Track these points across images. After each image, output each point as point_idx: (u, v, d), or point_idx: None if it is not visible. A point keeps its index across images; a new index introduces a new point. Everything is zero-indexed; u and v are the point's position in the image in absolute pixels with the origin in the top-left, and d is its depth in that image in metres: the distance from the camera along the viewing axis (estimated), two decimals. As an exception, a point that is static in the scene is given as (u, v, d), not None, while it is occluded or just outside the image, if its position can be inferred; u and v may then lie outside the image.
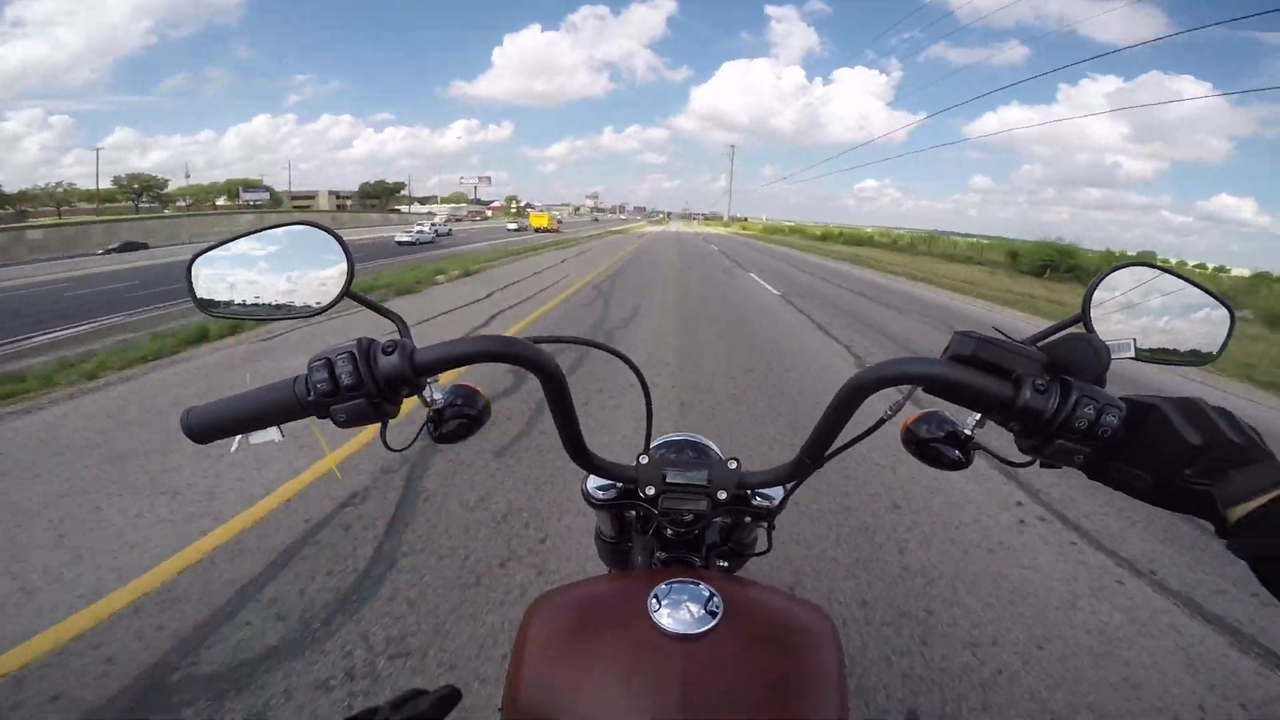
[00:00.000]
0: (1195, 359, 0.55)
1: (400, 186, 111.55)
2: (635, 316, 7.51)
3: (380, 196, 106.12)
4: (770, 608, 0.60)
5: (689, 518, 0.65)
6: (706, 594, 0.54)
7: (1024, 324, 11.84)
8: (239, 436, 0.54)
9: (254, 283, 0.60)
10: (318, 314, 0.59)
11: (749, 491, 0.68)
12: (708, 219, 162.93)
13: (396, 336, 0.54)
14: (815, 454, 0.60)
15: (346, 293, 0.57)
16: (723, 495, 0.64)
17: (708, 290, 10.63)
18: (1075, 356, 0.46)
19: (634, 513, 0.76)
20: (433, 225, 42.87)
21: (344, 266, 0.57)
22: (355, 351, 0.50)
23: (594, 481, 0.73)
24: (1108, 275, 0.54)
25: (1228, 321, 0.56)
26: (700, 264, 16.27)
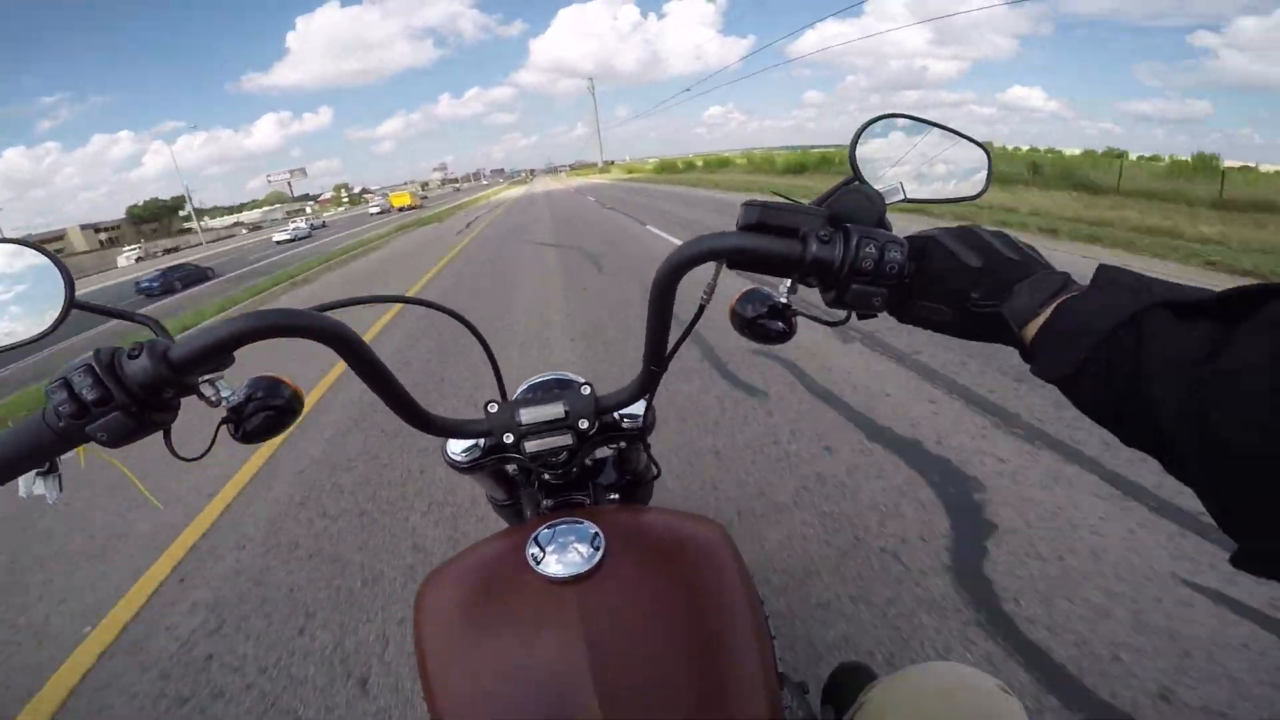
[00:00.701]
0: (965, 197, 0.58)
1: (180, 203, 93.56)
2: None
3: (158, 218, 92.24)
4: (657, 529, 0.60)
5: (563, 457, 0.63)
6: (591, 532, 0.53)
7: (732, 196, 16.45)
8: (26, 485, 0.49)
9: None
10: (44, 337, 0.50)
11: (615, 417, 0.66)
12: (574, 169, 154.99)
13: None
14: (656, 359, 0.59)
15: (72, 305, 0.49)
16: (584, 424, 0.61)
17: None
18: (852, 207, 0.47)
19: (514, 468, 0.73)
20: (308, 221, 46.04)
21: (59, 279, 0.50)
22: (94, 362, 0.45)
23: (455, 445, 0.69)
24: (864, 129, 0.54)
25: (986, 162, 0.59)
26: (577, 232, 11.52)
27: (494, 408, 0.62)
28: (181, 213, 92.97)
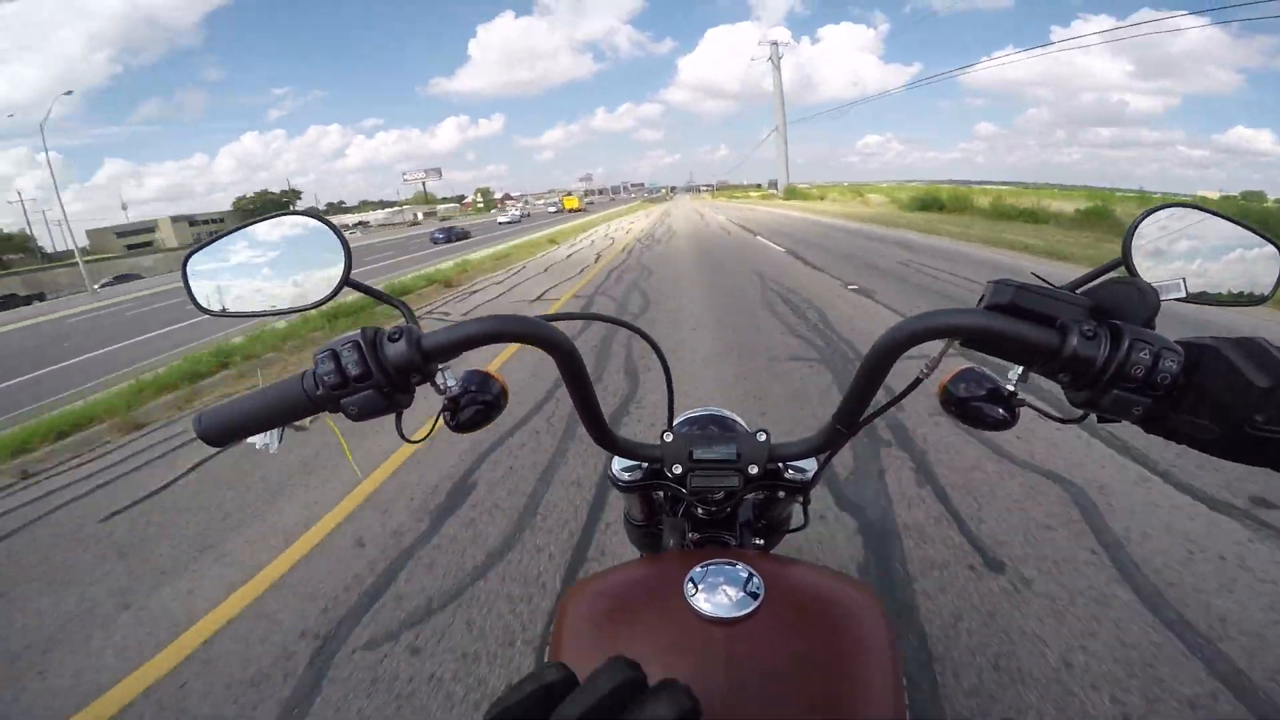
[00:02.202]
0: (1248, 299, 0.52)
1: (294, 196, 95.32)
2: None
3: (268, 213, 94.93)
4: (813, 587, 0.58)
5: (720, 495, 0.63)
6: (745, 575, 0.53)
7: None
8: (261, 437, 0.54)
9: (252, 279, 0.60)
10: (318, 306, 0.58)
11: (781, 465, 0.66)
12: (719, 190, 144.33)
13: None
14: (849, 421, 0.57)
15: (346, 282, 0.56)
16: (754, 470, 0.61)
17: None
18: (1121, 300, 0.44)
19: (662, 494, 0.75)
20: (520, 210, 70.38)
21: (342, 255, 0.57)
22: (360, 340, 0.49)
23: (619, 463, 0.71)
24: (1146, 216, 0.52)
25: (1278, 259, 0.53)
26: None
27: (669, 437, 0.63)
28: (293, 208, 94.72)
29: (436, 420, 0.62)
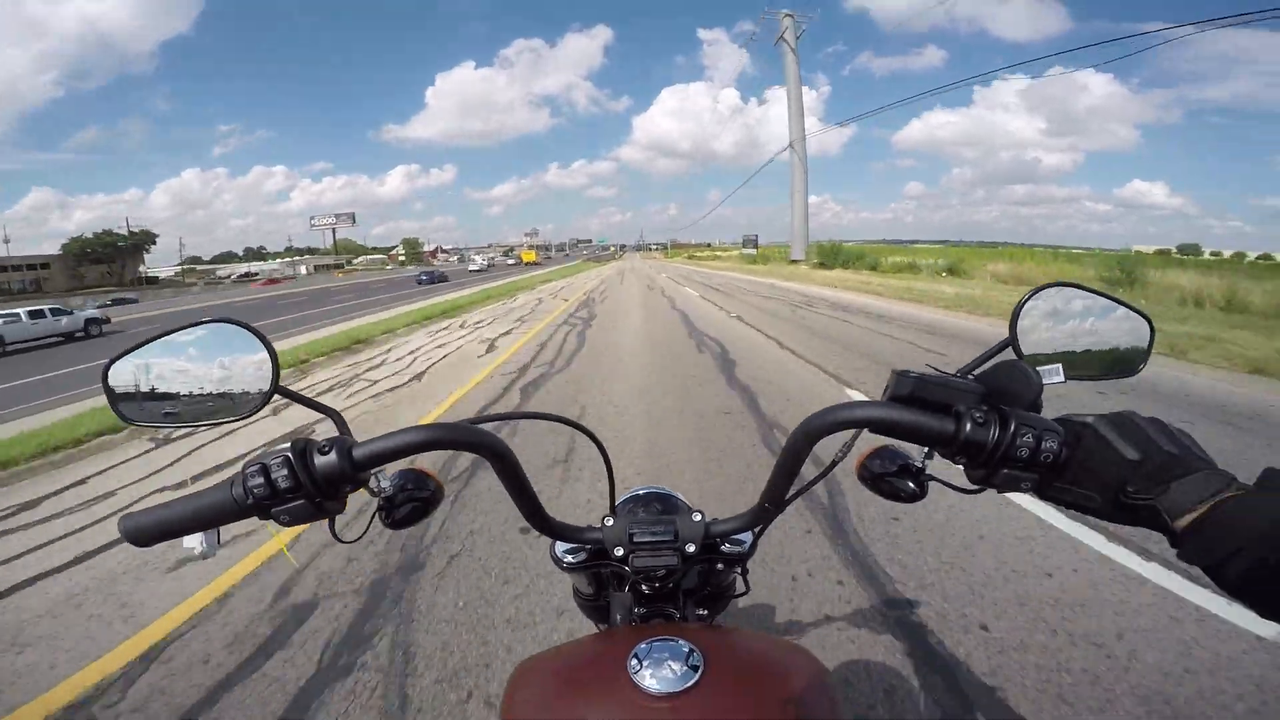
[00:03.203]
0: (1121, 373, 0.57)
1: (147, 238, 76.48)
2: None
3: (110, 259, 72.27)
4: (755, 654, 0.61)
5: (662, 573, 0.66)
6: (686, 649, 0.54)
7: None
8: (195, 540, 0.54)
9: (176, 388, 0.60)
10: (246, 417, 0.59)
11: (718, 540, 0.69)
12: (671, 251, 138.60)
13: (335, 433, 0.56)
14: (775, 499, 0.61)
15: (275, 390, 0.58)
16: (691, 548, 0.65)
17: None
18: (1010, 385, 0.48)
19: (608, 570, 0.77)
20: (487, 259, 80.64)
21: (267, 361, 0.58)
22: (290, 455, 0.51)
23: (561, 545, 0.74)
24: (1030, 298, 0.56)
25: (1148, 332, 0.59)
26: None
27: (610, 521, 0.67)
28: (147, 255, 78.60)
29: (371, 520, 0.64)
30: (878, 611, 2.06)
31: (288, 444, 0.52)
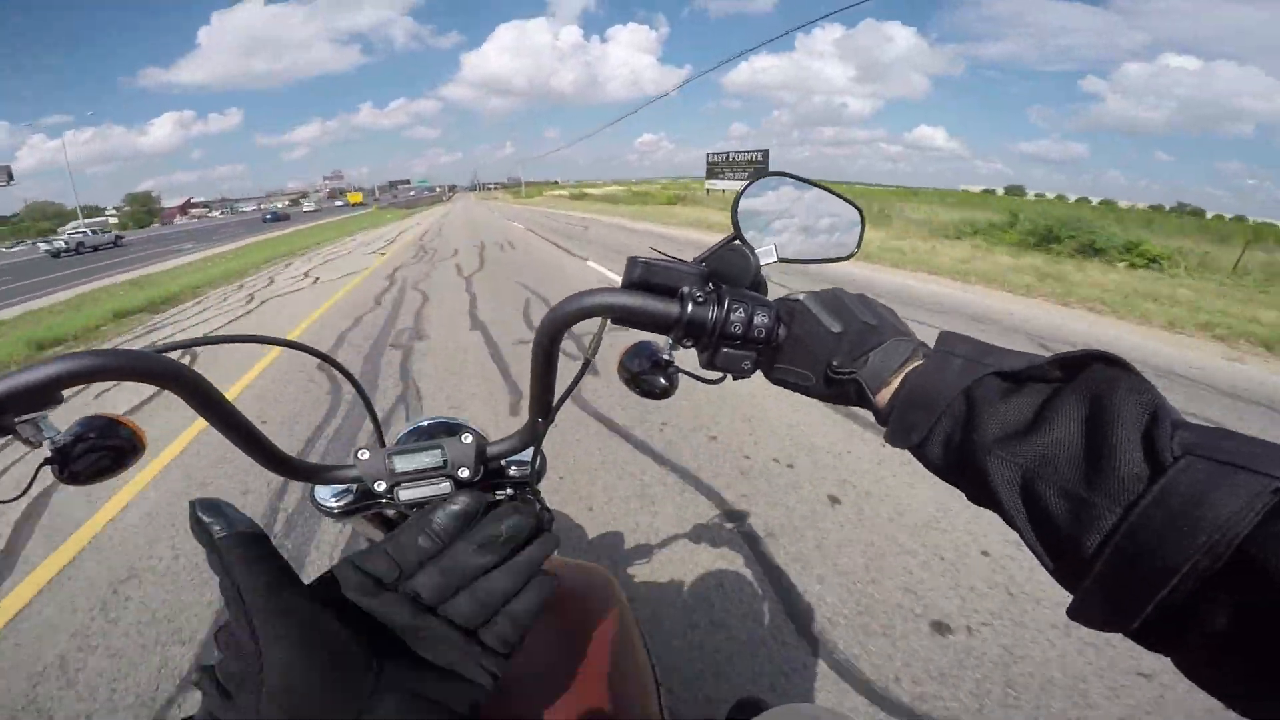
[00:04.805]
0: (835, 257, 0.61)
1: None
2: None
3: None
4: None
5: None
6: None
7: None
8: None
9: None
10: None
11: (502, 463, 0.65)
12: (524, 191, 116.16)
13: None
14: (542, 410, 0.59)
15: None
16: (464, 473, 0.59)
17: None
18: (729, 267, 0.50)
19: (393, 513, 0.71)
20: (314, 205, 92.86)
21: None
22: None
23: (324, 490, 0.68)
24: (748, 187, 0.57)
25: (859, 221, 0.63)
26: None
27: (365, 454, 0.59)
28: None
29: (35, 474, 0.51)
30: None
31: None
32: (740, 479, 2.59)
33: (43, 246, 28.42)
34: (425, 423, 0.74)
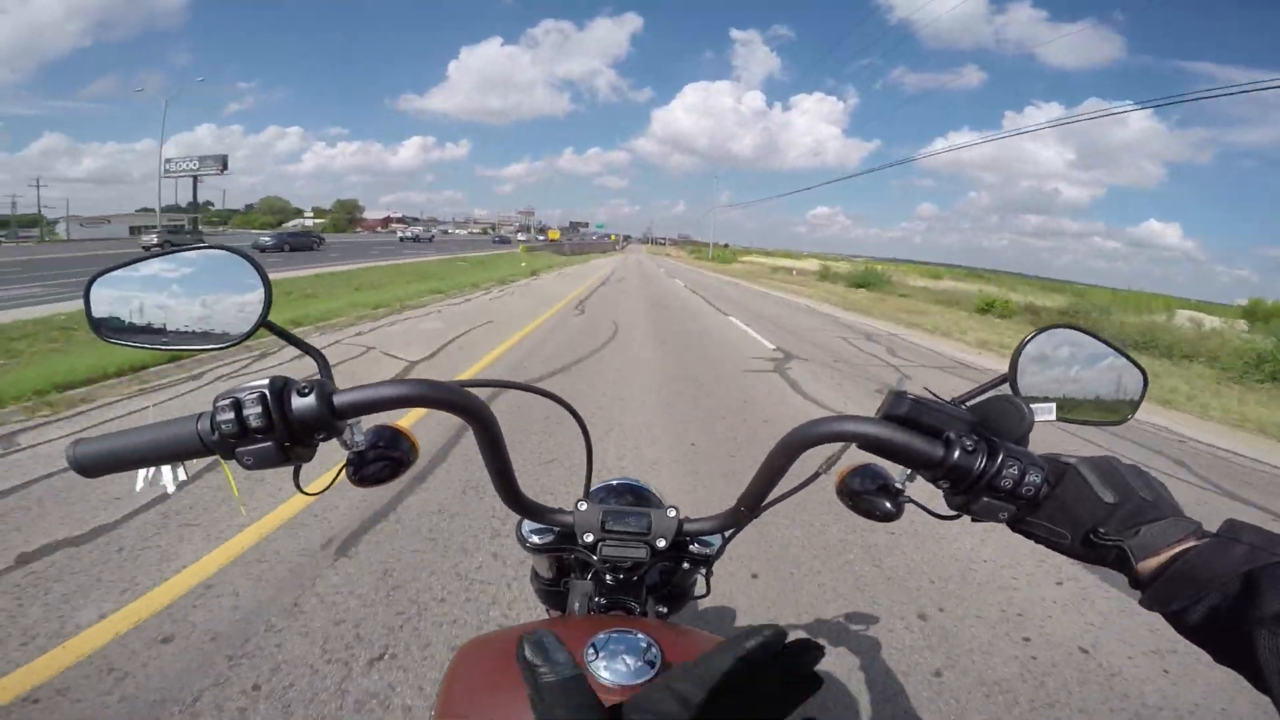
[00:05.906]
0: (1111, 420, 0.59)
1: None
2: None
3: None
4: None
5: (628, 565, 0.66)
6: (644, 644, 0.54)
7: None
8: (156, 474, 0.51)
9: (162, 308, 0.57)
10: (232, 345, 0.56)
11: (687, 539, 0.69)
12: (714, 252, 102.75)
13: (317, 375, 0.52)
14: (752, 505, 0.61)
15: (263, 323, 0.55)
16: (661, 544, 0.65)
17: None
18: (1001, 418, 0.50)
19: (572, 556, 0.77)
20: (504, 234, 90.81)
21: (262, 294, 0.55)
22: (267, 391, 0.47)
23: (529, 525, 0.73)
24: (1034, 336, 0.57)
25: (1141, 384, 0.61)
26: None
27: (584, 506, 0.66)
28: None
29: (338, 474, 0.61)
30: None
31: (265, 380, 0.48)
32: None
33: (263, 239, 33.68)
34: (615, 483, 0.82)
